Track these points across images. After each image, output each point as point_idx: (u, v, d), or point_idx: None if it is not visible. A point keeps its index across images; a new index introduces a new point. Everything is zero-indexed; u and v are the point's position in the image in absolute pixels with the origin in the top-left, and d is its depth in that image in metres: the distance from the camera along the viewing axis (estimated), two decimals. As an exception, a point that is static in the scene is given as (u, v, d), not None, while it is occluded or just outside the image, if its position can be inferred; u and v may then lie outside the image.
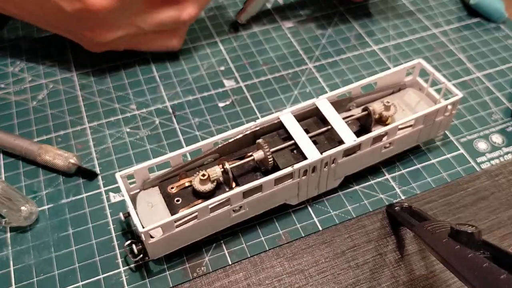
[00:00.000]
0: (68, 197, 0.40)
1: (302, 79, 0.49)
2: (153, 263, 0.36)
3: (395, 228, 0.38)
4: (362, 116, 0.40)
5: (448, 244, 0.27)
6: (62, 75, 0.49)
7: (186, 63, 0.51)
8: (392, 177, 0.42)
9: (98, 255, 0.37)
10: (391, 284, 0.35)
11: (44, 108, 0.46)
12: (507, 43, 0.54)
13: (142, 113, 0.46)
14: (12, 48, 0.52)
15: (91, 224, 0.38)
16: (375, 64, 0.51)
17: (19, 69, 0.50)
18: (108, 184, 0.41)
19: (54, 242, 0.37)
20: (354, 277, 0.36)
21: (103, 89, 0.48)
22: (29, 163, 0.42)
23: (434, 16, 0.57)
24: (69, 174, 0.41)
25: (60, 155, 0.41)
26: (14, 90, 0.48)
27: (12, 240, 0.37)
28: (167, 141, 0.44)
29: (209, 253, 0.37)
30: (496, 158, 0.43)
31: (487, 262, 0.23)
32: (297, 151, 0.37)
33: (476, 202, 0.40)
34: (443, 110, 0.40)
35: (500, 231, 0.38)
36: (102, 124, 0.45)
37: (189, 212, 0.33)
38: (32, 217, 0.38)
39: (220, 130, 0.45)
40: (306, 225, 0.38)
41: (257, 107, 0.47)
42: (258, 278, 0.36)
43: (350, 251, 0.37)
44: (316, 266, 0.36)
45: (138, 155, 0.43)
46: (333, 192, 0.40)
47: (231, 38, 0.54)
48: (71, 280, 0.35)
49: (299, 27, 0.55)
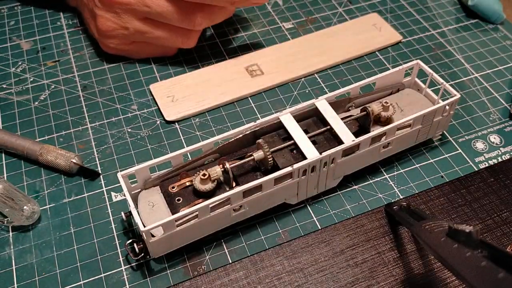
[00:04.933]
0: (69, 197, 0.40)
1: (302, 80, 0.50)
2: (154, 261, 0.36)
3: (394, 227, 0.39)
4: (361, 117, 0.40)
5: (446, 243, 0.27)
6: (63, 76, 0.50)
7: (186, 64, 0.51)
8: (390, 177, 0.42)
9: (99, 254, 0.37)
10: (390, 283, 0.36)
11: (45, 109, 0.47)
12: (505, 44, 0.54)
13: (143, 113, 0.46)
14: (14, 48, 0.52)
15: (92, 224, 0.39)
16: (374, 65, 0.51)
17: (21, 70, 0.50)
18: (110, 183, 0.41)
19: (56, 241, 0.38)
20: (353, 275, 0.36)
21: (104, 90, 0.48)
22: (31, 163, 0.42)
23: (432, 17, 0.57)
24: (71, 174, 0.41)
25: (62, 155, 0.41)
26: (16, 90, 0.48)
27: (14, 239, 0.38)
28: (168, 141, 0.44)
29: (210, 252, 0.37)
30: (494, 158, 0.43)
31: (485, 261, 0.23)
32: (296, 151, 0.38)
33: (474, 202, 0.40)
34: (441, 110, 0.40)
35: (498, 230, 0.39)
36: (104, 124, 0.45)
37: (189, 211, 0.33)
38: (34, 217, 0.38)
39: (220, 130, 0.45)
40: (306, 224, 0.39)
41: (257, 107, 0.47)
42: (258, 277, 0.36)
43: (349, 250, 0.37)
44: (315, 265, 0.37)
45: (139, 155, 0.43)
46: (332, 192, 0.41)
47: (231, 38, 0.54)
48: (72, 279, 0.36)
49: (298, 28, 0.56)
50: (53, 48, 0.52)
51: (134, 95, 0.48)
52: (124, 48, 0.49)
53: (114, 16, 0.47)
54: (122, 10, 0.46)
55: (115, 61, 0.51)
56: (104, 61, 0.51)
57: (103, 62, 0.51)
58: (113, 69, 0.50)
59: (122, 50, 0.50)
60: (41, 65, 0.51)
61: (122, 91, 0.48)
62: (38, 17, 0.56)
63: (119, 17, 0.47)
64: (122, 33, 0.47)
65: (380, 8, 0.58)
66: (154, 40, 0.48)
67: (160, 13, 0.45)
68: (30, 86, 0.49)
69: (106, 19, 0.47)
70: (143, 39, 0.48)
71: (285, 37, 0.54)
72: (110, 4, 0.46)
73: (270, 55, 0.52)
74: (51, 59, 0.51)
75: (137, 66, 0.51)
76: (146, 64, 0.51)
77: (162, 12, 0.45)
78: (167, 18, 0.46)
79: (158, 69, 0.51)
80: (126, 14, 0.46)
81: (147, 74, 0.50)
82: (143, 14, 0.46)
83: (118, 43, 0.49)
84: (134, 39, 0.48)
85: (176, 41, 0.49)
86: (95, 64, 0.51)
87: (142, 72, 0.50)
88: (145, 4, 0.45)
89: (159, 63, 0.51)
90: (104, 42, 0.49)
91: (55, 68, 0.50)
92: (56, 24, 0.55)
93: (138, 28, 0.47)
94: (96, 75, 0.50)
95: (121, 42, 0.49)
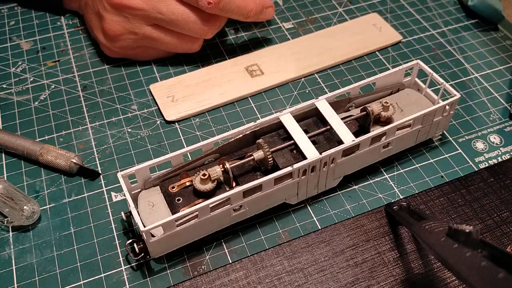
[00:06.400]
0: (69, 197, 0.40)
1: (302, 80, 0.50)
2: (154, 261, 0.36)
3: (394, 227, 0.39)
4: (361, 117, 0.40)
5: (446, 243, 0.27)
6: (63, 76, 0.50)
7: (186, 64, 0.51)
8: (390, 177, 0.42)
9: (99, 254, 0.37)
10: (390, 283, 0.36)
11: (45, 109, 0.47)
12: (505, 44, 0.54)
13: (143, 113, 0.46)
14: (14, 48, 0.52)
15: (92, 224, 0.39)
16: (374, 65, 0.51)
17: (21, 70, 0.50)
18: (110, 183, 0.41)
19: (56, 241, 0.38)
20: (353, 275, 0.36)
21: (104, 90, 0.48)
22: (31, 163, 0.42)
23: (432, 17, 0.57)
24: (71, 174, 0.41)
25: (62, 155, 0.41)
26: (16, 90, 0.48)
27: (14, 239, 0.38)
28: (168, 141, 0.44)
29: (210, 252, 0.37)
30: (494, 158, 0.43)
31: (485, 261, 0.23)
32: (296, 151, 0.38)
33: (474, 202, 0.40)
34: (441, 110, 0.40)
35: (498, 230, 0.39)
36: (104, 124, 0.45)
37: (189, 211, 0.33)
38: (34, 217, 0.38)
39: (220, 130, 0.45)
40: (306, 224, 0.39)
41: (257, 107, 0.47)
42: (258, 277, 0.36)
43: (349, 250, 0.37)
44: (316, 265, 0.37)
45: (139, 155, 0.43)
46: (332, 192, 0.41)
47: (231, 38, 0.54)
48: (72, 279, 0.36)
49: (298, 28, 0.56)
50: (53, 48, 0.52)
51: (134, 95, 0.48)
52: (128, 52, 0.49)
53: (123, 20, 0.46)
54: (133, 15, 0.45)
55: (115, 61, 0.51)
56: (104, 61, 0.51)
57: (103, 62, 0.51)
58: (113, 69, 0.50)
59: (126, 54, 0.50)
60: (41, 65, 0.51)
61: (122, 91, 0.48)
62: (38, 17, 0.56)
63: (128, 21, 0.46)
64: (129, 37, 0.47)
65: (380, 8, 0.58)
66: (161, 46, 0.48)
67: (173, 20, 0.45)
68: (30, 86, 0.49)
69: (115, 22, 0.46)
70: (150, 44, 0.48)
71: (285, 37, 0.54)
72: (121, 8, 0.45)
73: (270, 55, 0.52)
74: (51, 59, 0.51)
75: (137, 66, 0.51)
76: (146, 64, 0.51)
77: (176, 20, 0.45)
78: (179, 26, 0.46)
79: (158, 69, 0.51)
80: (136, 19, 0.45)
81: (147, 74, 0.50)
82: (155, 20, 0.45)
83: (123, 47, 0.48)
84: (140, 44, 0.48)
85: (182, 47, 0.48)
86: (95, 64, 0.51)
87: (142, 72, 0.50)
88: (159, 11, 0.44)
89: (159, 63, 0.51)
90: (109, 46, 0.48)
91: (55, 68, 0.50)
92: (56, 24, 0.55)
93: (147, 34, 0.46)
94: (96, 75, 0.50)
95: (126, 46, 0.48)
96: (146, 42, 0.47)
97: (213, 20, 0.46)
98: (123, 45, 0.48)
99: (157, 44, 0.48)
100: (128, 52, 0.49)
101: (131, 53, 0.49)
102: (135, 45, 0.48)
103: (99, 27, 0.48)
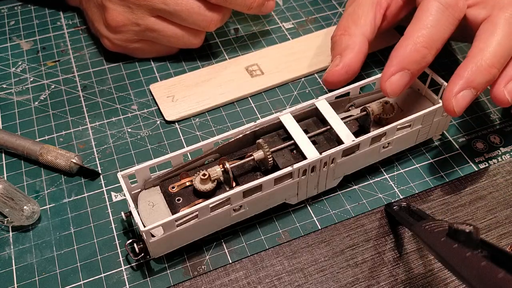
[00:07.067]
0: (69, 197, 0.40)
1: (302, 80, 0.50)
2: (154, 262, 0.36)
3: (394, 227, 0.39)
4: (361, 117, 0.40)
5: (446, 243, 0.27)
6: (63, 76, 0.50)
7: (186, 64, 0.51)
8: (390, 177, 0.42)
9: (99, 254, 0.37)
10: (390, 283, 0.36)
11: (45, 109, 0.47)
12: (505, 44, 0.54)
13: (143, 113, 0.46)
14: (14, 48, 0.52)
15: (92, 224, 0.39)
16: (374, 65, 0.51)
17: (21, 70, 0.50)
18: (110, 183, 0.41)
19: (56, 241, 0.38)
20: (353, 275, 0.36)
21: (104, 90, 0.48)
22: (31, 163, 0.42)
23: (432, 17, 0.57)
24: (71, 174, 0.41)
25: (62, 155, 0.41)
26: (16, 90, 0.48)
27: (14, 239, 0.38)
28: (168, 141, 0.44)
29: (210, 252, 0.37)
30: (494, 158, 0.43)
31: (485, 261, 0.23)
32: (296, 151, 0.38)
33: (474, 202, 0.40)
34: (441, 110, 0.40)
35: (498, 230, 0.39)
36: (103, 124, 0.45)
37: (189, 211, 0.33)
38: (34, 217, 0.38)
39: (220, 130, 0.45)
40: (306, 224, 0.39)
41: (257, 107, 0.47)
42: (258, 277, 0.36)
43: (349, 250, 0.37)
44: (316, 265, 0.37)
45: (139, 155, 0.43)
46: (332, 192, 0.41)
47: (231, 38, 0.54)
48: (72, 279, 0.36)
49: (298, 28, 0.56)
50: (53, 48, 0.52)
51: (134, 95, 0.48)
52: (129, 46, 0.49)
53: (127, 10, 0.46)
54: (136, 5, 0.45)
55: (115, 61, 0.51)
56: (104, 61, 0.51)
57: (103, 62, 0.51)
58: (113, 69, 0.50)
59: (126, 48, 0.49)
60: (41, 65, 0.51)
61: (122, 91, 0.48)
62: (38, 17, 0.56)
63: (132, 12, 0.46)
64: (131, 29, 0.47)
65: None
66: (163, 39, 0.48)
67: (177, 11, 0.45)
68: (30, 86, 0.49)
69: (118, 12, 0.46)
70: (151, 37, 0.48)
71: (285, 37, 0.54)
72: None
73: (270, 55, 0.52)
74: (51, 59, 0.51)
75: (137, 66, 0.51)
76: (146, 64, 0.51)
77: (180, 11, 0.45)
78: (182, 17, 0.46)
79: (158, 69, 0.51)
80: (140, 9, 0.45)
81: (147, 74, 0.50)
82: (159, 11, 0.45)
83: (125, 40, 0.48)
84: (142, 37, 0.48)
85: (184, 41, 0.48)
86: (95, 64, 0.51)
87: (142, 72, 0.50)
88: (163, 1, 0.44)
89: (159, 63, 0.51)
90: (110, 38, 0.48)
91: (55, 68, 0.50)
92: (56, 24, 0.55)
93: (150, 25, 0.46)
94: (96, 75, 0.50)
95: (128, 39, 0.48)
96: (148, 34, 0.47)
97: (216, 12, 0.46)
98: (125, 37, 0.48)
99: (159, 37, 0.48)
100: (128, 45, 0.49)
101: (131, 47, 0.49)
102: (137, 38, 0.48)
103: (101, 20, 0.48)
